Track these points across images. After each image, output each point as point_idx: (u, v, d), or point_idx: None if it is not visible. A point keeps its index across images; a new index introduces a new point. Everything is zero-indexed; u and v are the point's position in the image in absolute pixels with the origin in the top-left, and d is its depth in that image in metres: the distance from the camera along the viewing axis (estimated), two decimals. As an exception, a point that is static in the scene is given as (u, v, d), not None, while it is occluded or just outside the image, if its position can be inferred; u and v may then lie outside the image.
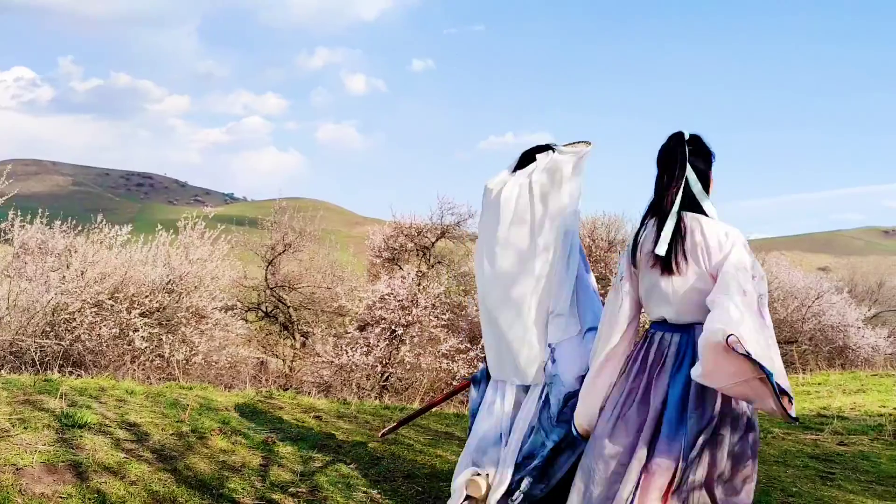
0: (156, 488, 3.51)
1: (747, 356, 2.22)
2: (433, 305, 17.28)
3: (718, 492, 2.50)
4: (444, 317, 17.60)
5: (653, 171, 2.73)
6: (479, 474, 3.11)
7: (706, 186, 2.68)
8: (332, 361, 15.96)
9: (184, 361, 12.40)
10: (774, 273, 21.41)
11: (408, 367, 16.39)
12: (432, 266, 18.93)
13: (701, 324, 2.45)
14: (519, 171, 3.22)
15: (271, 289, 17.97)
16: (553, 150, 3.20)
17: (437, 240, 19.02)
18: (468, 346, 16.84)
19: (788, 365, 18.44)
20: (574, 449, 2.95)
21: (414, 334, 16.65)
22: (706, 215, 2.62)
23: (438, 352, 16.35)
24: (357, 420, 6.05)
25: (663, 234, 2.57)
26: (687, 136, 2.67)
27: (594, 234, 18.32)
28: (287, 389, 14.05)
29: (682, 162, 2.61)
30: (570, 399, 2.94)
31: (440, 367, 16.34)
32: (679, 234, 2.57)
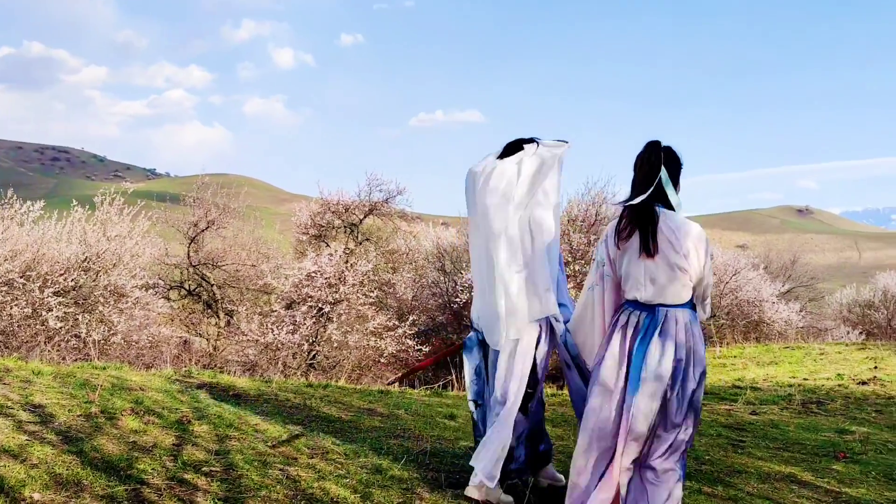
0: (59, 471, 3.37)
1: None
2: (361, 283, 17.18)
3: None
4: (372, 294, 17.51)
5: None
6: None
7: (675, 188, 3.15)
8: (258, 340, 15.71)
9: (101, 341, 12.00)
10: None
11: (335, 345, 16.27)
12: (360, 243, 18.79)
13: (663, 306, 3.06)
14: (507, 158, 3.53)
15: (194, 266, 17.53)
16: (537, 144, 3.56)
17: (364, 217, 18.87)
18: (396, 323, 16.82)
19: (706, 339, 19.06)
20: None
21: (341, 312, 16.54)
22: (673, 210, 3.11)
23: (366, 329, 16.29)
24: (278, 398, 5.95)
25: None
26: (663, 145, 3.15)
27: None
28: (211, 369, 13.78)
29: (657, 165, 3.08)
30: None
31: (368, 344, 16.29)
32: (653, 224, 3.04)
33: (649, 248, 3.03)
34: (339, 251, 17.41)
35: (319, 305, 16.34)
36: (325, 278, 16.55)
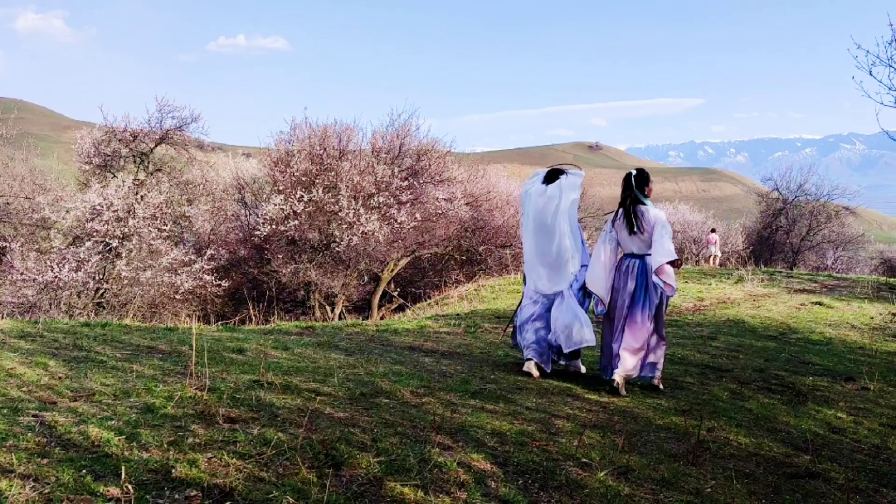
0: None
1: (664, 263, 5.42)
2: (153, 216, 16.20)
3: (653, 340, 5.54)
4: (165, 228, 16.58)
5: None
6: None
7: (647, 194, 5.60)
8: (35, 279, 14.43)
9: None
10: (493, 182, 22.77)
11: (125, 282, 15.31)
12: (151, 174, 17.61)
13: (647, 255, 5.49)
14: (552, 183, 5.92)
15: (-46, 199, 15.64)
16: (566, 174, 5.95)
17: (156, 145, 17.65)
18: (193, 258, 16.08)
19: (503, 267, 19.93)
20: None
21: (132, 247, 15.54)
22: (646, 205, 5.54)
23: (160, 265, 15.45)
24: (44, 339, 5.45)
25: (633, 216, 5.57)
26: (635, 172, 5.65)
27: (325, 142, 18.01)
28: (-21, 312, 12.46)
29: (631, 186, 5.57)
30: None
31: (163, 280, 15.48)
32: (637, 217, 5.50)
33: (634, 230, 5.49)
34: (127, 182, 16.24)
35: (107, 240, 15.23)
36: (113, 211, 15.42)
